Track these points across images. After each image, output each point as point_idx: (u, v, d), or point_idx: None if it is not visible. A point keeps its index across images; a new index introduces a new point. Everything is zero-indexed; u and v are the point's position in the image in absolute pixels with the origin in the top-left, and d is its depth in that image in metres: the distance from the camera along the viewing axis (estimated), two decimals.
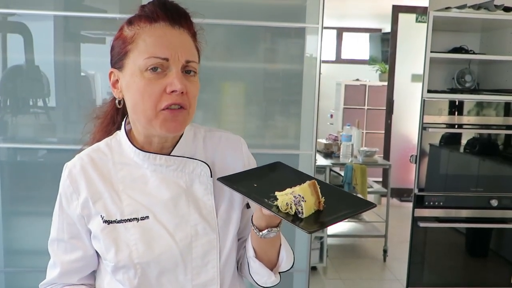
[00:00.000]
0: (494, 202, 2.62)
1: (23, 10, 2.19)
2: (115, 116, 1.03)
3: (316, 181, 0.86)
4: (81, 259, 0.97)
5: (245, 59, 2.39)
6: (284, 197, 0.84)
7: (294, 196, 0.83)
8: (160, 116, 0.87)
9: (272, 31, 2.32)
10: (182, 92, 0.87)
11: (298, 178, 0.92)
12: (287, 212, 0.83)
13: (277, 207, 0.84)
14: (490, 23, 2.62)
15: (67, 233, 0.96)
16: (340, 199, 0.89)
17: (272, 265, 1.00)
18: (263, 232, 0.92)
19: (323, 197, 0.86)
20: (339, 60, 6.58)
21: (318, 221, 0.83)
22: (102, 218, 0.91)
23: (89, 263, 0.98)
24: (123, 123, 0.98)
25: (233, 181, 0.91)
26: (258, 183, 0.92)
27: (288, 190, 0.85)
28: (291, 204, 0.83)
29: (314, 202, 0.85)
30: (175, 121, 0.88)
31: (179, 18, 0.90)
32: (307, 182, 0.86)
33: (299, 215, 0.83)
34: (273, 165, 1.00)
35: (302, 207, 0.82)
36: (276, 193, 0.85)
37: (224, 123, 2.37)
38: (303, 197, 0.83)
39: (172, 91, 0.86)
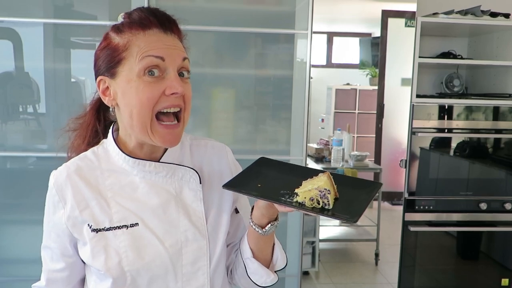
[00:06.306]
0: (483, 206, 2.64)
1: (13, 18, 2.17)
2: (97, 127, 1.02)
3: (329, 172, 0.89)
4: (66, 269, 0.96)
5: (235, 65, 2.39)
6: (308, 193, 0.85)
7: (320, 191, 0.85)
8: (156, 130, 0.88)
9: (262, 37, 2.33)
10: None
11: (292, 171, 0.95)
12: (313, 207, 0.85)
13: (298, 203, 0.85)
14: (478, 28, 2.65)
15: (53, 242, 0.95)
16: (346, 184, 0.92)
17: (267, 264, 1.02)
18: (266, 228, 0.94)
19: (336, 185, 0.89)
20: (329, 64, 6.60)
21: (349, 209, 0.85)
22: (90, 227, 0.90)
23: (74, 273, 0.98)
24: (110, 130, 0.98)
25: (237, 186, 0.91)
26: (260, 182, 0.93)
27: (309, 186, 0.86)
28: (316, 199, 0.85)
29: (333, 192, 0.87)
30: (172, 134, 0.89)
31: (170, 25, 0.91)
32: (322, 174, 0.88)
33: (326, 207, 0.85)
34: (260, 162, 1.02)
35: (328, 199, 0.85)
36: (297, 190, 0.87)
37: (214, 129, 2.37)
38: (328, 190, 0.85)
39: (172, 93, 0.86)
